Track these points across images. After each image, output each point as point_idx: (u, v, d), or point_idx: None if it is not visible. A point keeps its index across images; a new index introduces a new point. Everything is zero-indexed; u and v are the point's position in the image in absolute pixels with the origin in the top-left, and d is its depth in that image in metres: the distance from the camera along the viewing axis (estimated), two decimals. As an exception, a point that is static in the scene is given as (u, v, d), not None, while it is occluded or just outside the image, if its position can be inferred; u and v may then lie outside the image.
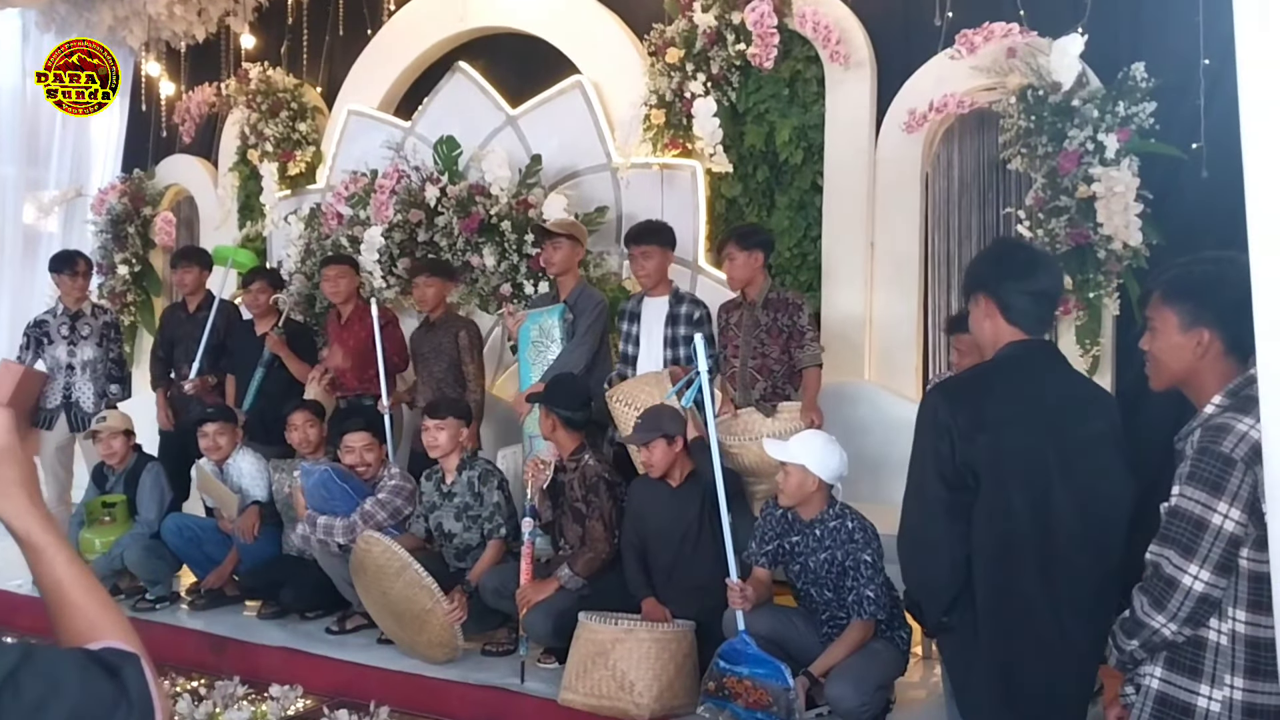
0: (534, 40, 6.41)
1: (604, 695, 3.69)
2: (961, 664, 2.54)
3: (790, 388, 4.52)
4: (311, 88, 7.48)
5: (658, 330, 4.77)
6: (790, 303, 4.53)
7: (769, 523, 3.79)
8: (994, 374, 2.52)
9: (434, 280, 5.35)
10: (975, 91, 4.92)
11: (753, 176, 5.62)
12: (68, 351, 6.09)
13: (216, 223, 7.65)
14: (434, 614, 4.20)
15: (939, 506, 2.42)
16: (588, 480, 4.32)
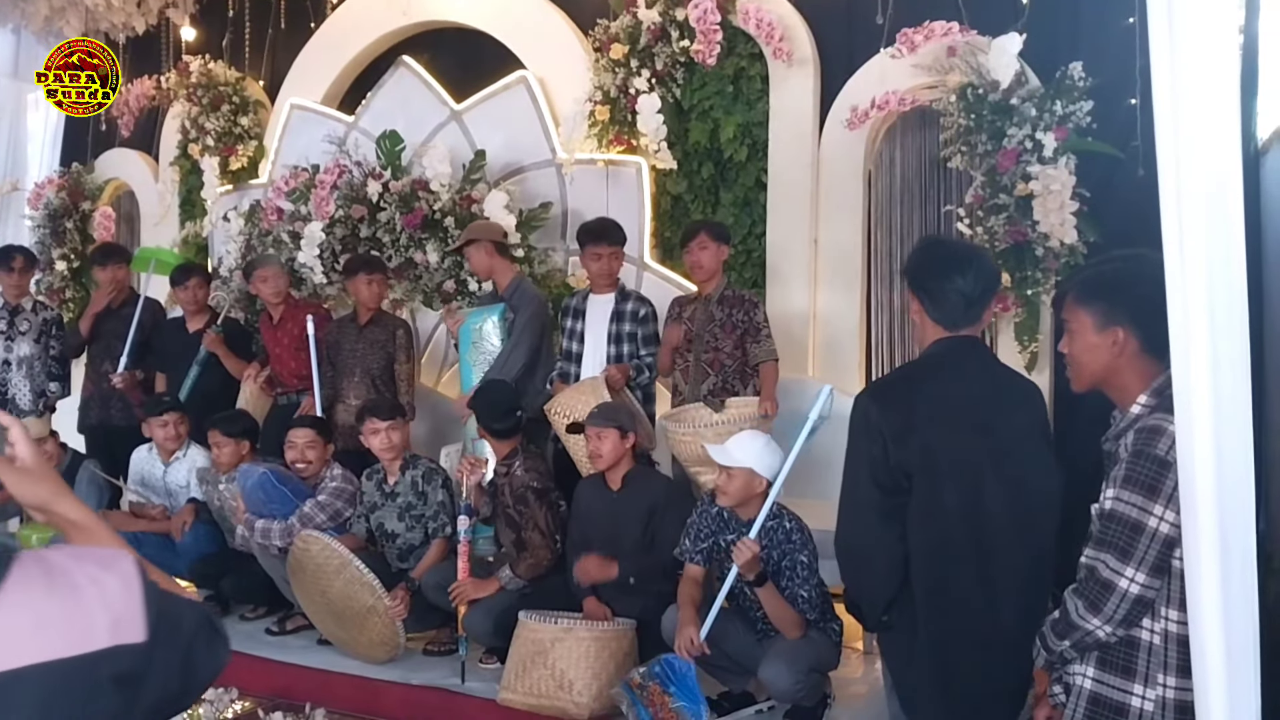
0: (479, 35, 6.36)
1: (543, 695, 3.68)
2: (901, 660, 2.56)
3: (740, 384, 4.55)
4: (254, 81, 7.37)
5: (603, 327, 4.78)
6: (746, 300, 4.63)
7: (704, 520, 3.78)
8: (922, 373, 2.54)
9: (378, 276, 5.29)
10: (916, 89, 4.95)
11: (697, 173, 5.62)
12: (4, 347, 5.97)
13: (157, 218, 7.52)
14: (375, 611, 4.16)
15: (873, 510, 2.43)
16: (515, 491, 4.31)
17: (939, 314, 2.49)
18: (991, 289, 2.57)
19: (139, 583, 1.15)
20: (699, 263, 4.61)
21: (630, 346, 4.75)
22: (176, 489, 5.15)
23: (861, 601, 2.55)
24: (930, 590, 2.43)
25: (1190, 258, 1.60)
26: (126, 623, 1.12)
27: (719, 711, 3.72)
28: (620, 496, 4.15)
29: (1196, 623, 1.63)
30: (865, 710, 3.76)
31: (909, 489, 2.40)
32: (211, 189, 7.06)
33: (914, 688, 2.52)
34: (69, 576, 1.14)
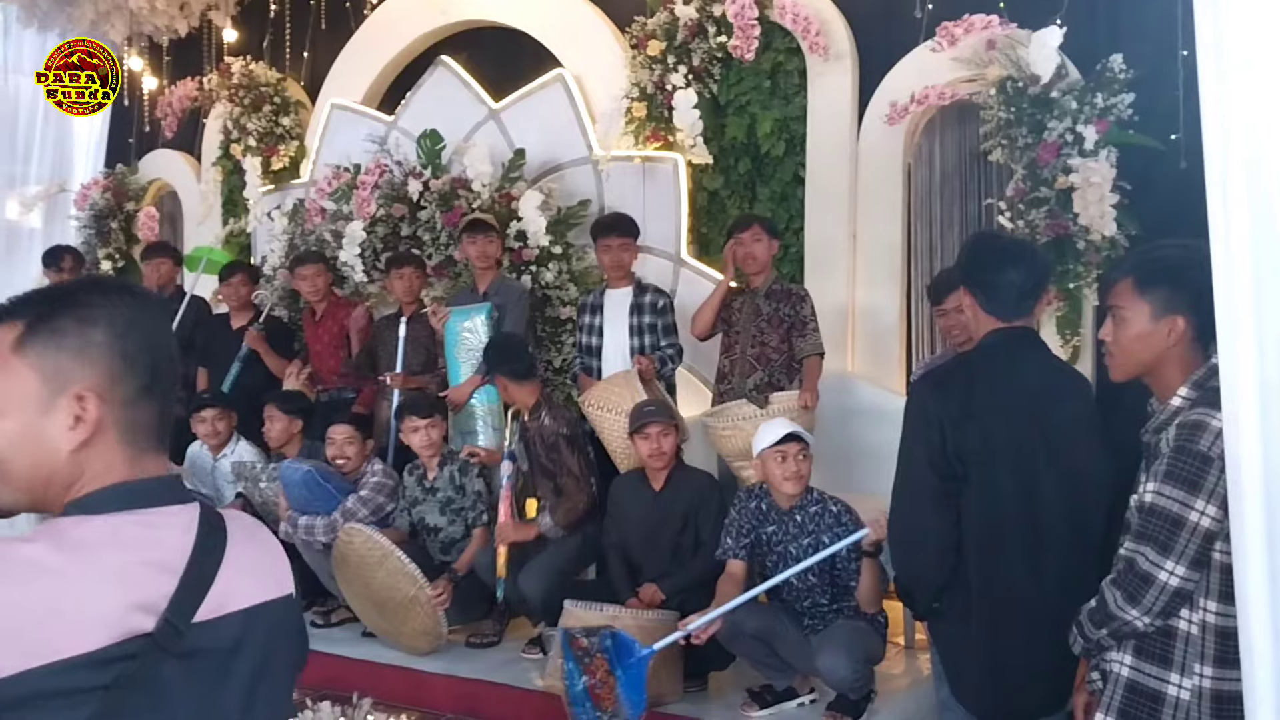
0: (516, 34, 6.40)
1: None
2: (952, 646, 2.58)
3: (786, 378, 4.58)
4: (294, 82, 7.46)
5: (622, 320, 4.84)
6: (794, 294, 4.66)
7: (743, 515, 3.80)
8: (978, 362, 2.56)
9: (407, 270, 5.34)
10: (956, 83, 4.93)
11: (734, 169, 5.63)
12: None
13: (200, 218, 7.63)
14: (417, 601, 4.22)
15: (929, 495, 2.46)
16: (546, 440, 4.41)
17: (992, 306, 2.52)
18: (1043, 282, 2.60)
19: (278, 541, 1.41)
20: (752, 254, 4.62)
21: (650, 338, 4.79)
22: (223, 484, 5.24)
23: (913, 588, 2.57)
24: (984, 577, 2.45)
25: (1236, 250, 1.60)
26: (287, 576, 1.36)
27: (761, 704, 3.75)
28: (662, 496, 4.18)
29: (1245, 616, 1.63)
30: (907, 703, 3.77)
31: (964, 476, 2.43)
32: (254, 189, 7.15)
33: (964, 673, 2.54)
34: (262, 533, 1.36)
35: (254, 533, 1.32)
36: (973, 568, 2.47)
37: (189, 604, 1.15)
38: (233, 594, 1.21)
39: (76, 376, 1.18)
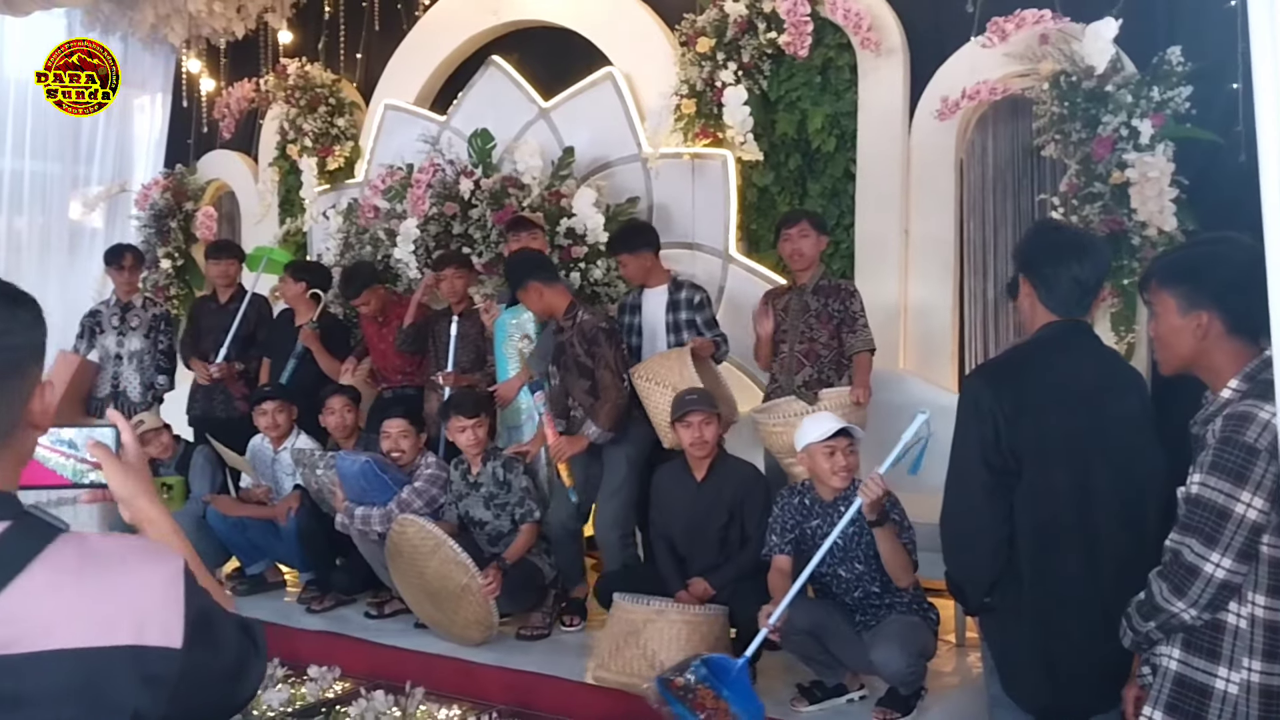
0: (566, 33, 6.44)
1: (635, 674, 3.74)
2: (1004, 642, 2.57)
3: (835, 375, 4.57)
4: (349, 83, 7.57)
5: (660, 319, 4.87)
6: (843, 289, 4.64)
7: (786, 511, 3.82)
8: (1033, 356, 2.55)
9: (448, 271, 5.39)
10: (1008, 78, 4.89)
11: (785, 165, 5.63)
12: (116, 342, 6.24)
13: (257, 217, 7.76)
14: (470, 590, 4.27)
15: (982, 490, 2.45)
16: (587, 334, 4.52)
17: (1052, 300, 2.50)
18: (1104, 277, 2.58)
19: (182, 585, 1.15)
20: (800, 250, 4.61)
21: (690, 333, 4.80)
22: (283, 475, 5.34)
23: (965, 582, 2.56)
24: (1037, 572, 2.44)
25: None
26: (158, 625, 1.12)
27: (811, 700, 3.75)
28: (705, 486, 4.20)
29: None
30: (957, 700, 3.75)
31: (1018, 470, 2.42)
32: (310, 189, 7.26)
33: (1017, 669, 2.53)
34: (106, 566, 1.13)
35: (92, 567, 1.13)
36: (1025, 563, 2.45)
37: None
38: (28, 633, 1.06)
39: None
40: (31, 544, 1.11)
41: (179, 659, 1.12)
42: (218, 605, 1.24)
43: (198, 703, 1.18)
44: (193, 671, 1.14)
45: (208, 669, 1.18)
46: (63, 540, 1.13)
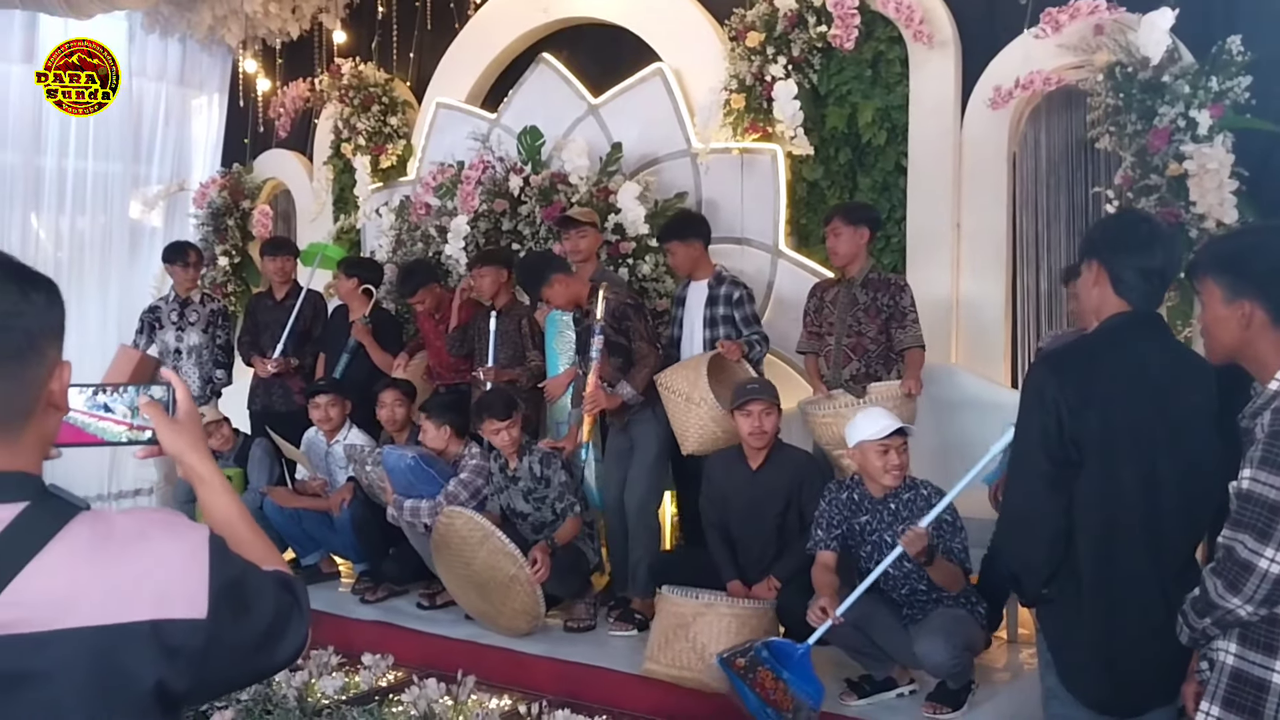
0: (616, 30, 6.47)
1: (684, 666, 3.77)
2: (1062, 635, 2.54)
3: (883, 369, 4.55)
4: (401, 82, 7.65)
5: (699, 312, 4.90)
6: (892, 284, 4.61)
7: (834, 506, 3.81)
8: (1100, 346, 2.49)
9: (488, 269, 5.43)
10: (1062, 69, 4.84)
11: (835, 159, 5.61)
12: (175, 337, 6.37)
13: (312, 215, 7.87)
14: (518, 580, 4.33)
15: (1042, 481, 2.42)
16: (614, 311, 4.68)
17: (1124, 289, 2.44)
18: (1176, 270, 2.53)
19: (207, 557, 1.17)
20: (834, 249, 4.63)
21: (726, 329, 4.82)
22: (336, 468, 5.42)
23: (1023, 573, 2.53)
24: (1099, 565, 2.41)
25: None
26: (181, 597, 1.14)
27: (859, 694, 3.74)
28: (760, 475, 4.21)
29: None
30: (1008, 696, 3.73)
31: (1080, 462, 2.39)
32: (363, 186, 7.36)
33: (1074, 662, 2.50)
34: (124, 543, 1.15)
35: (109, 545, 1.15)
36: (1086, 556, 2.42)
37: None
38: (42, 614, 1.09)
39: None
40: (49, 524, 1.13)
41: (204, 629, 1.14)
42: (252, 568, 1.25)
43: (230, 667, 1.20)
44: (222, 639, 1.16)
45: (240, 634, 1.20)
46: (81, 520, 1.15)
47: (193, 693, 1.17)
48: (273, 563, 1.34)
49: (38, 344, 1.19)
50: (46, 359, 1.20)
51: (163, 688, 1.13)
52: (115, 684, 1.10)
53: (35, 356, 1.19)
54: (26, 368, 1.18)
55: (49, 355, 1.21)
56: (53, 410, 1.23)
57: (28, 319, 1.18)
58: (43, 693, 1.08)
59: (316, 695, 3.92)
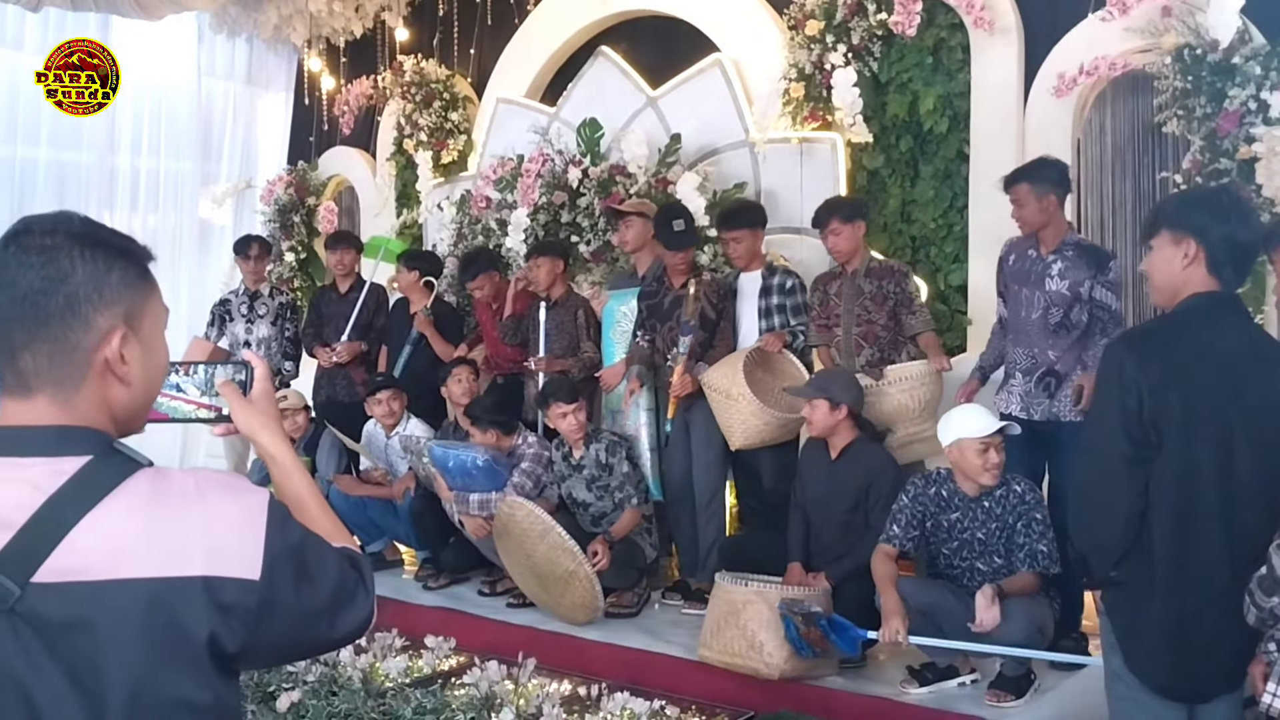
0: (674, 21, 6.48)
1: (736, 654, 3.81)
2: (1131, 617, 2.50)
3: (896, 355, 4.60)
4: (462, 78, 7.73)
5: (753, 303, 4.93)
6: (896, 270, 4.70)
7: (918, 502, 3.78)
8: (1181, 326, 2.43)
9: (543, 260, 5.47)
10: (1128, 53, 4.75)
11: (895, 147, 5.57)
12: (245, 329, 6.52)
13: (376, 211, 7.98)
14: (576, 576, 4.36)
15: (1121, 463, 2.38)
16: (721, 291, 4.93)
17: (1218, 266, 2.35)
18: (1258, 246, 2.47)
19: (264, 520, 1.19)
20: (835, 248, 4.68)
21: (780, 319, 4.88)
22: (396, 459, 5.51)
23: (1092, 554, 2.49)
24: (1173, 549, 2.37)
25: None
26: (233, 557, 1.16)
27: (921, 682, 3.72)
28: (837, 465, 4.25)
29: None
30: (1069, 686, 3.68)
31: (1158, 444, 2.35)
32: (425, 182, 7.45)
33: (1142, 645, 2.46)
34: (182, 499, 1.17)
35: (167, 500, 1.17)
36: (1160, 540, 2.38)
37: (22, 561, 1.10)
38: (98, 563, 1.12)
39: None
40: (109, 478, 1.16)
41: (257, 590, 1.16)
42: (315, 538, 1.27)
43: (286, 633, 1.22)
44: (274, 603, 1.18)
45: (295, 601, 1.21)
46: (141, 475, 1.18)
47: (247, 653, 1.19)
48: (341, 540, 1.36)
49: (79, 309, 1.20)
50: (92, 326, 1.21)
51: (215, 643, 1.16)
52: (168, 635, 1.13)
53: (77, 321, 1.20)
54: (68, 331, 1.20)
55: (95, 322, 1.21)
56: (111, 380, 1.24)
57: (72, 284, 1.20)
58: (99, 640, 1.11)
59: (381, 677, 3.99)
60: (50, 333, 1.20)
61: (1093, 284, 4.04)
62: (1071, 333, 4.06)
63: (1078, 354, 4.06)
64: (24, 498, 1.13)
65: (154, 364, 1.29)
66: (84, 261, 1.21)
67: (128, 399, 1.26)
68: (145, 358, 1.26)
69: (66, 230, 1.22)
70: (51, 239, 1.21)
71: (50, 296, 1.19)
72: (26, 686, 1.11)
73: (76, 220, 1.24)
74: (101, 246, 1.23)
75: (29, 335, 1.20)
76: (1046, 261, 4.13)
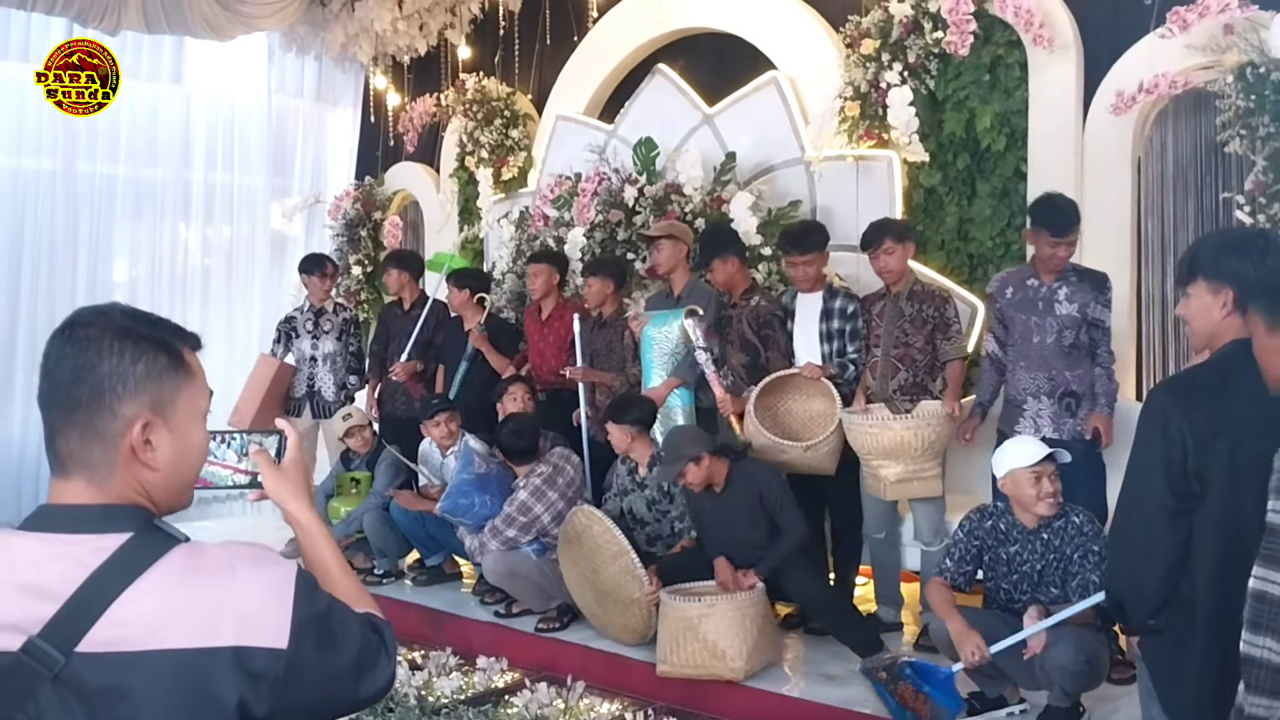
0: (731, 38, 6.50)
1: (699, 665, 4.08)
2: (1169, 666, 2.48)
3: (931, 379, 4.60)
4: (523, 95, 7.83)
5: (813, 326, 4.91)
6: (936, 295, 4.67)
7: (973, 536, 3.74)
8: (1226, 373, 2.39)
9: (593, 280, 5.58)
10: (1189, 71, 4.67)
11: (952, 165, 5.53)
12: (311, 345, 6.69)
13: (439, 226, 8.12)
14: (639, 604, 4.43)
15: (1162, 511, 2.34)
16: (762, 317, 4.96)
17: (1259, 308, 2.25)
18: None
19: (291, 593, 1.26)
20: (886, 267, 4.65)
21: (839, 343, 4.86)
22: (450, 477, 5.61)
23: (1131, 601, 2.46)
24: (1216, 599, 2.33)
25: None
26: (262, 627, 1.22)
27: (971, 711, 3.71)
28: (722, 500, 4.47)
29: None
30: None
31: (1201, 494, 2.32)
32: (486, 198, 7.57)
33: (1182, 695, 2.44)
34: (215, 573, 1.24)
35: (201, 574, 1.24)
36: (1202, 589, 2.34)
37: (67, 631, 1.17)
38: (136, 634, 1.19)
39: None
40: (148, 554, 1.23)
41: (284, 658, 1.23)
42: (340, 605, 1.34)
43: (310, 698, 1.28)
44: (301, 669, 1.25)
45: (321, 667, 1.27)
46: (177, 550, 1.25)
47: (274, 717, 1.26)
48: (365, 605, 1.42)
49: (104, 398, 1.27)
50: (117, 414, 1.28)
51: (244, 709, 1.23)
52: (200, 702, 1.20)
53: (102, 410, 1.28)
54: (94, 418, 1.27)
55: (120, 411, 1.28)
56: (138, 464, 1.30)
57: (98, 374, 1.27)
58: (135, 706, 1.18)
59: (435, 695, 4.08)
60: (78, 419, 1.28)
61: (1095, 305, 4.33)
62: (1082, 353, 4.33)
63: (1089, 376, 4.35)
64: (70, 572, 1.20)
65: (187, 449, 1.36)
66: (111, 354, 1.28)
67: (159, 482, 1.33)
68: (175, 444, 1.33)
69: (104, 323, 1.30)
70: (88, 331, 1.29)
71: (79, 385, 1.28)
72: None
73: (118, 313, 1.32)
74: (132, 339, 1.30)
75: (62, 420, 1.29)
76: (1052, 288, 4.35)
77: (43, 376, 1.30)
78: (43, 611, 1.19)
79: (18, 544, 1.25)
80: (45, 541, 1.25)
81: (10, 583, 1.22)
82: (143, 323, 1.33)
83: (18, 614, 1.19)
